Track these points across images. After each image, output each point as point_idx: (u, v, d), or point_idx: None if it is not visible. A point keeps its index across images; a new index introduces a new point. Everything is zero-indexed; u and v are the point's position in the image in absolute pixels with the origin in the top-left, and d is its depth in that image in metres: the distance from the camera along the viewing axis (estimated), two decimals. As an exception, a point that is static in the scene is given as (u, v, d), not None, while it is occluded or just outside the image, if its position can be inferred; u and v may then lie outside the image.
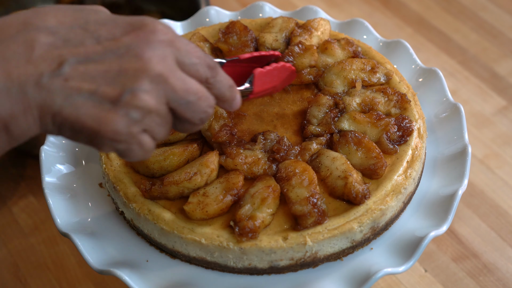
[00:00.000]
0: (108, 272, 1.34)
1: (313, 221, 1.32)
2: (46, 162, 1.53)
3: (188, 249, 1.36)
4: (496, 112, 2.17)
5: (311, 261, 1.35)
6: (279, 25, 1.70)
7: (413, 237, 1.39)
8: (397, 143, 1.46)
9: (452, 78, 2.29)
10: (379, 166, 1.39)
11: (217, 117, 1.48)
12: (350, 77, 1.55)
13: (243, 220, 1.31)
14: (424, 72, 1.71)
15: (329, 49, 1.61)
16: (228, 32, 1.67)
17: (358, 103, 1.50)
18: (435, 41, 2.42)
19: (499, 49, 2.38)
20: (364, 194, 1.35)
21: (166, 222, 1.36)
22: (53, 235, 1.88)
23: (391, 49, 1.78)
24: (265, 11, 1.89)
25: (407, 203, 1.46)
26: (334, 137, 1.45)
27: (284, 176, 1.38)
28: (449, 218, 1.40)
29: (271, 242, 1.32)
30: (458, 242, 1.83)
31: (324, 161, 1.41)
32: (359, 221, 1.35)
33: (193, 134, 1.52)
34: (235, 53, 1.63)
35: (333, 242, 1.34)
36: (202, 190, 1.37)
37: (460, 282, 1.75)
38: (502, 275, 1.76)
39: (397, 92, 1.53)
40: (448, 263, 1.78)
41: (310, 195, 1.33)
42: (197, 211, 1.35)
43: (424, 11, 2.54)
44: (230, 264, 1.35)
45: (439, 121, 1.63)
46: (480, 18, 2.50)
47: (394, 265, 1.35)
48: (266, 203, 1.34)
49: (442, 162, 1.55)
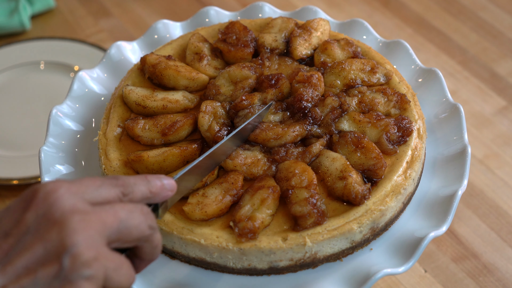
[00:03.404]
0: (108, 273, 1.34)
1: (313, 222, 1.32)
2: (46, 163, 1.53)
3: (187, 250, 1.36)
4: (496, 112, 2.17)
5: (310, 262, 1.35)
6: (278, 25, 1.70)
7: (413, 237, 1.39)
8: (396, 143, 1.46)
9: (452, 78, 2.29)
10: (378, 166, 1.39)
11: (216, 117, 1.48)
12: (349, 77, 1.55)
13: (243, 220, 1.31)
14: (424, 73, 1.71)
15: (328, 50, 1.61)
16: (228, 33, 1.67)
17: (357, 103, 1.50)
18: (435, 41, 2.42)
19: (499, 49, 2.38)
20: (363, 194, 1.35)
21: (166, 222, 1.36)
22: (52, 236, 1.88)
23: (391, 49, 1.78)
24: (264, 12, 1.89)
25: (406, 203, 1.46)
26: (334, 138, 1.45)
27: (283, 176, 1.38)
28: (448, 219, 1.40)
29: (270, 243, 1.31)
30: (458, 243, 1.83)
31: (324, 162, 1.41)
32: (359, 222, 1.34)
33: (193, 135, 1.52)
34: (235, 53, 1.63)
35: (332, 243, 1.34)
36: (201, 190, 1.37)
37: (460, 282, 1.75)
38: (502, 276, 1.76)
39: (396, 93, 1.53)
40: (448, 264, 1.78)
41: (310, 196, 1.33)
42: (196, 211, 1.34)
43: (424, 11, 2.54)
44: (230, 264, 1.35)
45: (438, 122, 1.62)
46: (480, 18, 2.49)
47: (394, 265, 1.35)
48: (266, 204, 1.34)
49: (441, 162, 1.55)
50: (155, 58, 1.61)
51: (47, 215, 0.99)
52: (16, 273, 0.96)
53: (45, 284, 0.95)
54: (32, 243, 0.97)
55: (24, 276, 0.96)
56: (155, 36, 1.85)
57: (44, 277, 0.96)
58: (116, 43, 1.79)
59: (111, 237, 1.02)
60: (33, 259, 0.96)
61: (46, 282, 0.95)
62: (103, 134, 1.54)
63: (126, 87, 1.58)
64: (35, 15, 2.55)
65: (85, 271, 0.97)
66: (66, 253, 0.96)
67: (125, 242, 1.05)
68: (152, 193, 1.13)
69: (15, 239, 0.98)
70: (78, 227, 0.98)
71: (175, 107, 1.55)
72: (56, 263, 0.96)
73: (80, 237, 0.98)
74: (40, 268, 0.96)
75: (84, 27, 2.51)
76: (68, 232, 0.97)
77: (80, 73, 1.71)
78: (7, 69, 2.33)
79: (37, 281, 0.95)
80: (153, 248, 1.12)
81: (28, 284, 0.95)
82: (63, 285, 0.96)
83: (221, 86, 1.56)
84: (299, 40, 1.64)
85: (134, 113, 1.57)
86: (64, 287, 0.96)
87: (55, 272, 0.96)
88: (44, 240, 0.97)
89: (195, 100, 1.57)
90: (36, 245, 0.97)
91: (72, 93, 1.68)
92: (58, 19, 2.56)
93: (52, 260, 0.96)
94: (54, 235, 0.97)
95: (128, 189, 1.10)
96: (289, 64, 1.62)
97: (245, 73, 1.56)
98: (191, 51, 1.66)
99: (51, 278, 0.96)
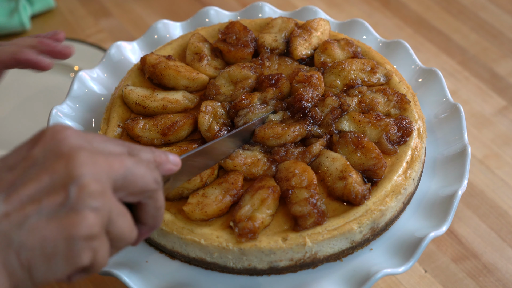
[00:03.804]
0: (108, 273, 1.34)
1: (313, 222, 1.32)
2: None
3: (187, 250, 1.36)
4: (496, 112, 2.17)
5: (310, 262, 1.35)
6: (278, 25, 1.70)
7: (413, 237, 1.39)
8: (396, 143, 1.46)
9: (452, 78, 2.29)
10: (378, 166, 1.39)
11: (216, 117, 1.48)
12: (349, 77, 1.55)
13: (243, 220, 1.31)
14: (423, 73, 1.71)
15: (328, 50, 1.61)
16: (228, 33, 1.67)
17: (357, 103, 1.50)
18: (435, 41, 2.42)
19: (499, 49, 2.38)
20: (363, 194, 1.35)
21: (166, 222, 1.36)
22: (52, 236, 1.87)
23: (391, 50, 1.78)
24: (264, 12, 1.89)
25: (406, 203, 1.46)
26: (334, 138, 1.45)
27: (283, 176, 1.38)
28: (448, 219, 1.40)
29: (270, 243, 1.31)
30: (458, 243, 1.83)
31: (324, 162, 1.41)
32: (359, 222, 1.34)
33: (193, 135, 1.52)
34: (235, 53, 1.63)
35: (332, 243, 1.34)
36: (201, 190, 1.37)
37: (460, 282, 1.75)
38: (502, 276, 1.76)
39: (396, 93, 1.53)
40: (448, 264, 1.78)
41: (310, 196, 1.33)
42: (196, 211, 1.35)
43: (424, 11, 2.54)
44: (230, 264, 1.35)
45: (438, 122, 1.62)
46: (480, 18, 2.49)
47: (394, 265, 1.35)
48: (266, 204, 1.34)
49: (441, 162, 1.55)
50: (155, 58, 1.62)
51: (55, 150, 0.98)
52: (20, 201, 0.94)
53: (50, 212, 0.94)
54: (38, 174, 0.96)
55: (29, 204, 0.94)
56: (155, 36, 1.85)
57: (49, 206, 0.94)
58: (116, 43, 1.79)
59: (116, 183, 1.01)
60: (39, 189, 0.95)
61: (51, 211, 0.94)
62: (103, 134, 1.54)
63: (126, 87, 1.58)
64: (35, 15, 2.55)
65: (92, 202, 0.95)
66: (73, 183, 0.95)
67: (130, 193, 1.04)
68: (156, 162, 1.11)
69: (21, 171, 0.97)
70: (86, 161, 0.97)
71: (175, 107, 1.55)
72: (62, 192, 0.95)
73: (88, 170, 0.97)
74: (45, 197, 0.95)
75: (84, 27, 2.51)
76: (76, 164, 0.96)
77: (80, 73, 1.71)
78: (7, 69, 2.33)
79: (42, 209, 0.94)
80: (157, 209, 1.10)
81: (33, 212, 0.93)
82: (68, 214, 0.94)
83: (221, 86, 1.56)
84: (299, 40, 1.64)
85: (134, 113, 1.57)
86: (69, 216, 0.94)
87: (61, 201, 0.94)
88: (51, 172, 0.96)
89: (195, 100, 1.57)
90: (42, 176, 0.96)
91: (72, 93, 1.68)
92: (58, 19, 2.55)
93: (58, 190, 0.95)
94: (62, 167, 0.96)
95: (134, 151, 1.09)
96: (289, 64, 1.62)
97: (245, 73, 1.56)
98: (191, 51, 1.66)
99: (56, 206, 0.94)
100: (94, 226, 0.95)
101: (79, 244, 0.94)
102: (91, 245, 0.96)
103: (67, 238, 0.94)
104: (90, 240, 0.95)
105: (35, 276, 0.94)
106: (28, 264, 0.93)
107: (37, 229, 0.93)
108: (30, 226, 0.93)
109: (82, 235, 0.94)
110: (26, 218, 0.93)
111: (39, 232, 0.93)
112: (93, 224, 0.95)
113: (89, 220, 0.95)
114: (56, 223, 0.94)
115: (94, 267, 0.99)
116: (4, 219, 0.93)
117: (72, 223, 0.94)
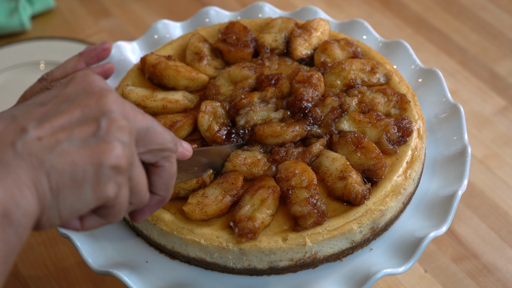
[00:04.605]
0: (108, 273, 1.34)
1: (313, 222, 1.32)
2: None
3: (187, 250, 1.36)
4: (496, 113, 2.17)
5: (310, 262, 1.35)
6: (278, 25, 1.70)
7: (413, 237, 1.39)
8: (396, 143, 1.46)
9: (452, 78, 2.29)
10: (378, 166, 1.39)
11: (216, 117, 1.48)
12: (349, 77, 1.55)
13: (243, 220, 1.31)
14: (423, 73, 1.71)
15: (328, 50, 1.61)
16: (228, 33, 1.67)
17: (357, 103, 1.50)
18: (435, 41, 2.42)
19: (499, 49, 2.38)
20: (363, 194, 1.35)
21: (166, 223, 1.36)
22: (52, 236, 1.88)
23: (391, 50, 1.78)
24: (264, 12, 1.89)
25: (406, 203, 1.46)
26: (334, 138, 1.45)
27: (283, 176, 1.38)
28: (448, 219, 1.40)
29: (270, 243, 1.31)
30: (458, 243, 1.83)
31: (324, 162, 1.41)
32: (359, 222, 1.34)
33: (193, 135, 1.52)
34: (235, 53, 1.63)
35: (332, 243, 1.34)
36: (201, 191, 1.37)
37: (460, 282, 1.75)
38: (502, 276, 1.76)
39: (396, 93, 1.53)
40: (448, 264, 1.78)
41: (310, 196, 1.33)
42: (196, 211, 1.35)
43: (424, 11, 2.54)
44: (230, 265, 1.35)
45: (438, 122, 1.62)
46: (480, 18, 2.49)
47: (394, 265, 1.35)
48: (266, 204, 1.34)
49: (441, 162, 1.55)
50: (155, 58, 1.62)
51: (87, 88, 1.02)
52: (52, 128, 0.97)
53: (81, 140, 0.97)
54: (70, 108, 0.99)
55: (61, 131, 0.97)
56: (155, 36, 1.85)
57: (80, 134, 0.97)
58: (116, 43, 1.79)
59: (139, 134, 1.04)
60: (71, 121, 0.98)
61: (82, 139, 0.97)
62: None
63: (126, 87, 1.58)
64: (35, 15, 2.55)
65: (121, 135, 0.99)
66: (105, 116, 0.99)
67: (148, 150, 1.06)
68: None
69: (53, 106, 1.00)
70: (117, 101, 1.02)
71: (175, 107, 1.55)
72: (93, 124, 0.98)
73: (118, 108, 1.01)
74: (77, 127, 0.98)
75: (84, 27, 2.51)
76: (107, 101, 1.01)
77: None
78: (7, 69, 2.33)
79: (73, 137, 0.96)
80: (171, 176, 1.12)
81: (65, 139, 0.96)
82: (98, 143, 0.97)
83: (221, 86, 1.56)
84: (299, 40, 1.64)
85: (134, 113, 1.57)
86: (99, 145, 0.97)
87: (92, 131, 0.98)
88: (83, 106, 1.00)
89: (195, 100, 1.57)
90: (74, 110, 0.99)
91: (72, 93, 1.67)
92: (58, 19, 2.56)
93: (89, 121, 0.99)
94: (93, 102, 1.00)
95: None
96: (289, 64, 1.62)
97: (245, 73, 1.56)
98: (191, 51, 1.66)
99: (87, 136, 0.97)
100: (122, 158, 0.98)
101: (107, 172, 0.97)
102: (117, 179, 0.99)
103: (96, 164, 0.96)
104: (117, 172, 0.98)
105: (62, 205, 0.96)
106: (57, 188, 0.95)
107: (68, 154, 0.95)
108: (61, 150, 0.95)
109: (110, 164, 0.97)
110: (58, 143, 0.96)
111: (70, 157, 0.95)
112: (121, 155, 0.98)
113: (118, 150, 0.98)
114: (87, 150, 0.96)
115: (113, 208, 1.02)
116: (36, 142, 0.95)
117: (102, 150, 0.97)
